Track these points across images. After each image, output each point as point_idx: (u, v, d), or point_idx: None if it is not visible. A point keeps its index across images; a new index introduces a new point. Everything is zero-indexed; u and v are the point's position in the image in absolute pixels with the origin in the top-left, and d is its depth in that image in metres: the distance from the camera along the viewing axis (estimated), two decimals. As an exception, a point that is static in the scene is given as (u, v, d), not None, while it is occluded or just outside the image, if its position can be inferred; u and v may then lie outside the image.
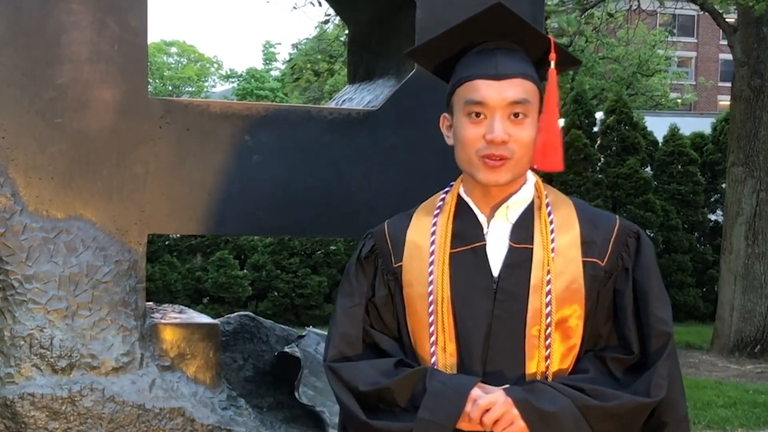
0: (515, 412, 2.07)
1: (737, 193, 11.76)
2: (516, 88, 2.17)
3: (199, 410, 3.29)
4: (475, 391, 2.10)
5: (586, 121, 15.36)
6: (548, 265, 2.19)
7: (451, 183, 2.34)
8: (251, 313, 4.10)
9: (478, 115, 2.18)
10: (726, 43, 13.03)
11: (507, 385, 2.13)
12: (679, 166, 15.41)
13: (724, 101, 39.79)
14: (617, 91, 17.07)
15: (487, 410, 2.08)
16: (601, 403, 2.10)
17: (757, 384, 9.95)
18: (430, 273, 2.23)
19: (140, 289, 3.30)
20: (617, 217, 2.32)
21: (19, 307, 3.15)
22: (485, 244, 2.23)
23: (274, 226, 3.63)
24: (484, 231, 2.24)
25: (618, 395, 2.12)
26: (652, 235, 14.65)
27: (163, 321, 3.41)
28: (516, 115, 2.17)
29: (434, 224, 2.28)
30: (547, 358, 2.17)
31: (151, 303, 3.78)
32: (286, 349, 3.79)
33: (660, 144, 15.71)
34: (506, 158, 2.16)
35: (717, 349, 11.93)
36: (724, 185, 13.53)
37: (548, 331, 2.16)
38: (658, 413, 2.17)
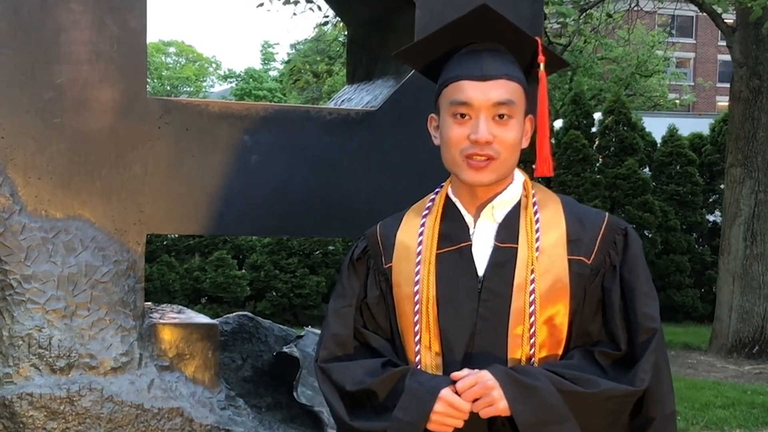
0: (493, 382, 2.08)
1: (735, 194, 11.77)
2: (501, 89, 2.18)
3: (197, 410, 3.28)
4: (445, 391, 2.10)
5: (585, 121, 15.38)
6: (532, 264, 2.19)
7: (442, 184, 2.35)
8: (250, 313, 4.10)
9: (463, 115, 2.19)
10: (725, 44, 13.03)
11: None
12: (678, 167, 15.42)
13: (723, 102, 39.85)
14: (616, 91, 17.09)
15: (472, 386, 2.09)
16: (579, 389, 2.10)
17: (755, 384, 9.95)
18: (417, 273, 2.24)
19: (139, 289, 3.30)
20: (606, 214, 2.31)
21: (18, 306, 3.15)
22: (471, 245, 2.24)
23: (273, 226, 3.63)
24: (471, 231, 2.25)
25: (598, 382, 2.12)
26: (650, 235, 14.66)
27: (161, 321, 3.41)
28: (501, 116, 2.18)
29: (422, 225, 2.29)
30: (530, 357, 2.18)
31: (149, 303, 3.78)
32: (285, 349, 3.79)
33: (658, 145, 15.72)
34: (491, 158, 2.17)
35: (715, 349, 11.93)
36: (722, 186, 13.54)
37: (532, 330, 2.17)
38: (645, 409, 2.17)
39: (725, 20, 12.34)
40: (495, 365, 2.13)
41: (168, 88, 51.44)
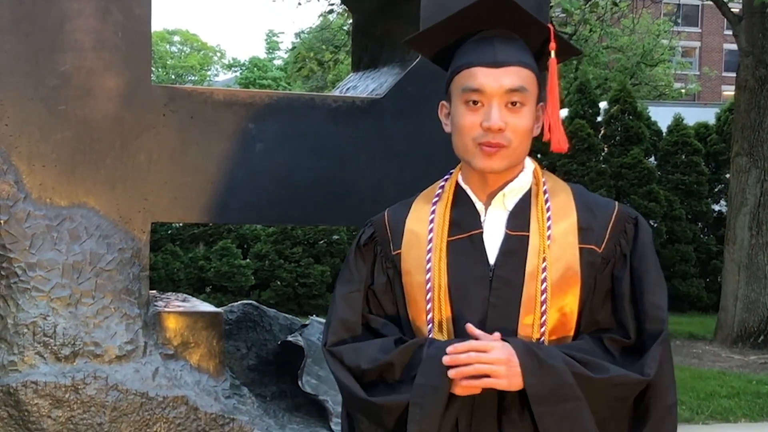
0: (514, 359, 2.06)
1: (741, 184, 11.74)
2: (513, 76, 2.17)
3: (202, 399, 3.29)
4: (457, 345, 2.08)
5: (590, 110, 15.34)
6: (544, 253, 2.18)
7: (451, 171, 2.34)
8: (255, 302, 4.09)
9: (475, 102, 2.17)
10: (730, 32, 12.99)
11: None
12: (683, 156, 15.39)
13: (728, 91, 39.70)
14: (621, 80, 17.06)
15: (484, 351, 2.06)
16: (588, 373, 2.10)
17: (761, 374, 9.95)
18: (428, 261, 2.23)
19: (144, 277, 3.29)
20: (617, 203, 2.30)
21: (23, 294, 3.15)
22: (482, 232, 2.23)
23: (278, 214, 3.63)
24: (482, 219, 2.24)
25: (607, 368, 2.12)
26: (655, 225, 14.64)
27: (166, 309, 3.41)
28: (513, 103, 2.17)
29: (432, 212, 2.28)
30: None
31: (154, 291, 3.78)
32: (290, 338, 3.79)
33: (664, 134, 15.68)
34: (503, 146, 2.16)
35: (720, 339, 11.93)
36: (728, 175, 13.51)
37: (543, 318, 2.16)
38: (647, 399, 2.17)
39: (731, 9, 12.29)
40: (510, 338, 2.12)
41: (173, 77, 51.42)
